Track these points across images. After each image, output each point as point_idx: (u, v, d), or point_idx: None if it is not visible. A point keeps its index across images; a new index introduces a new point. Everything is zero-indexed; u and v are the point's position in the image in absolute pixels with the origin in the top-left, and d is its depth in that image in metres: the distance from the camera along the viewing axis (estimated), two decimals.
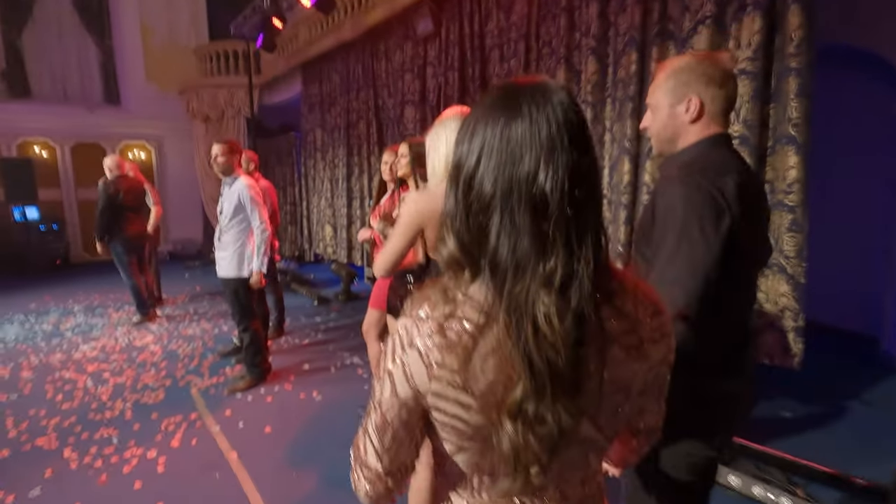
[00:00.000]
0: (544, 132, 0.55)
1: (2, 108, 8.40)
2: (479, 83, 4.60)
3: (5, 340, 4.64)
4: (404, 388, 0.60)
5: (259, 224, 3.24)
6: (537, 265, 0.54)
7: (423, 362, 0.58)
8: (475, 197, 0.57)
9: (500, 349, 0.56)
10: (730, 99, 1.18)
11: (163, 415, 3.09)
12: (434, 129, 1.69)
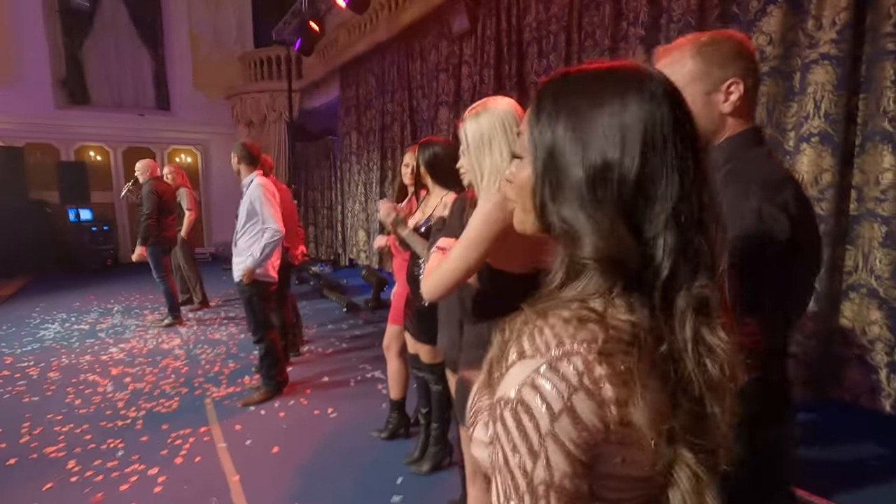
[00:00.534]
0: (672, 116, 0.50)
1: (62, 115, 8.85)
2: (515, 80, 4.30)
3: (43, 340, 4.74)
4: (578, 448, 0.45)
5: (268, 226, 3.08)
6: (691, 284, 0.49)
7: (595, 402, 0.45)
8: (624, 193, 0.49)
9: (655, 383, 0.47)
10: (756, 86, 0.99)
11: (173, 427, 2.97)
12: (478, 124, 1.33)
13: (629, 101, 0.50)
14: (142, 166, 4.98)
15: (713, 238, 0.50)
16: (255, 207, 3.10)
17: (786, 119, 2.48)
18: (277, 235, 3.08)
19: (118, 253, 8.99)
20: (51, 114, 8.71)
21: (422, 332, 2.22)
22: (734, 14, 2.67)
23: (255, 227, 3.13)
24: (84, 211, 8.60)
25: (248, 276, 3.09)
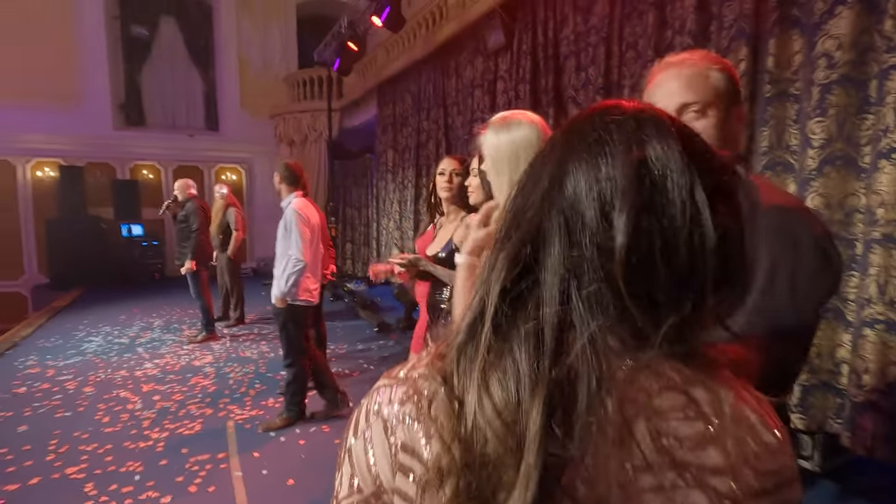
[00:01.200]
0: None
1: (119, 135, 9.36)
2: (552, 95, 4.12)
3: (85, 353, 4.88)
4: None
5: (292, 253, 3.00)
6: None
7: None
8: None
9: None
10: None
11: (192, 451, 2.91)
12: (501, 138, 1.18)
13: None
14: (181, 185, 5.12)
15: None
16: (287, 231, 3.05)
17: (860, 133, 2.17)
18: (299, 265, 3.01)
19: (165, 267, 9.33)
20: (109, 135, 9.24)
21: None
22: (795, 17, 2.39)
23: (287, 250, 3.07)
24: (135, 226, 9.01)
25: (280, 302, 3.06)
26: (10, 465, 2.77)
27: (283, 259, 3.05)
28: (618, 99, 0.45)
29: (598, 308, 0.38)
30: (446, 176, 2.47)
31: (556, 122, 4.10)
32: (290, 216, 3.06)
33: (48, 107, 8.61)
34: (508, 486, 0.36)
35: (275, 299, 3.07)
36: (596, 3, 3.61)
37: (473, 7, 5.03)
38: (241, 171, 10.51)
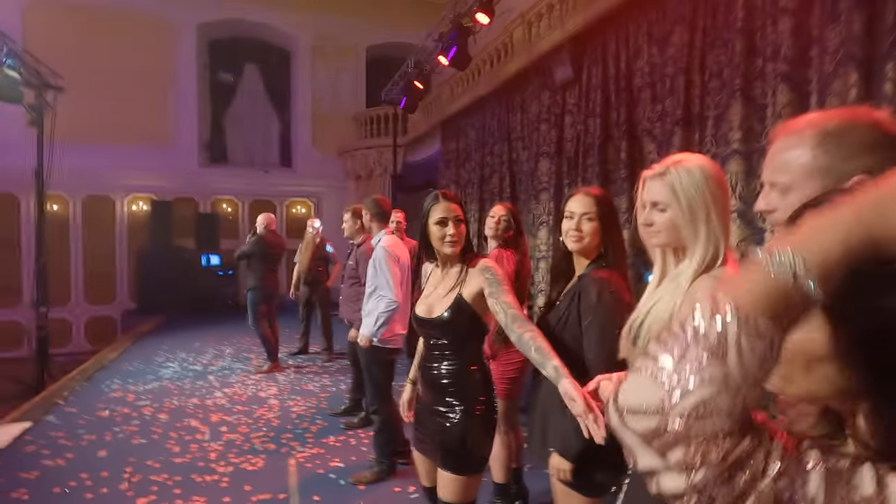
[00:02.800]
0: None
1: (203, 172, 10.13)
2: (624, 128, 3.96)
3: (162, 378, 5.13)
4: None
5: (384, 293, 2.85)
6: None
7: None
8: None
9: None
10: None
11: (255, 489, 2.88)
12: (697, 178, 1.07)
13: None
14: (262, 219, 5.32)
15: None
16: (376, 270, 2.92)
17: None
18: (392, 306, 2.84)
19: (238, 296, 9.80)
20: (195, 171, 10.02)
21: (448, 457, 1.62)
22: None
23: (378, 290, 2.94)
24: (214, 257, 9.59)
25: (365, 342, 2.93)
26: (88, 490, 2.87)
27: (373, 298, 2.92)
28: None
29: None
30: (497, 219, 2.44)
31: (628, 155, 3.92)
32: (379, 255, 2.91)
33: (144, 147, 9.50)
34: None
35: (361, 338, 2.94)
36: (673, 33, 3.45)
37: (540, 43, 5.01)
38: (311, 205, 10.99)
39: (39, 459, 3.28)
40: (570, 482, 1.34)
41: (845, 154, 0.76)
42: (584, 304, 1.46)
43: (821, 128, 0.79)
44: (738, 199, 2.86)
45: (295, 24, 10.44)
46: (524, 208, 5.45)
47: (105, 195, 9.50)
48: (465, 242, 1.68)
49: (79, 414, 4.11)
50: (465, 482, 1.60)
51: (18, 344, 8.91)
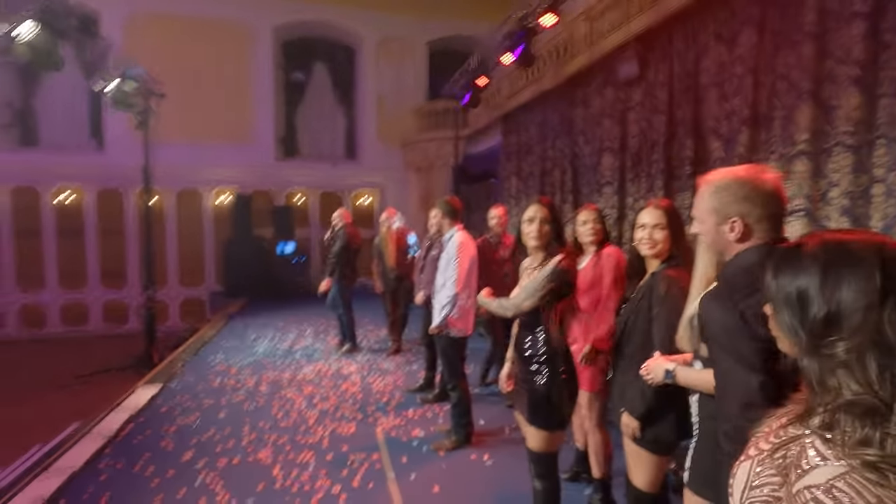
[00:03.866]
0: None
1: (278, 166, 10.92)
2: (690, 126, 4.05)
3: (256, 355, 5.80)
4: None
5: (448, 286, 3.26)
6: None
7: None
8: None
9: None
10: (772, 216, 1.23)
11: (351, 448, 3.37)
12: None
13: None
14: (338, 214, 5.82)
15: None
16: (447, 263, 3.29)
17: None
18: (451, 293, 3.24)
19: (310, 282, 10.58)
20: (271, 165, 10.82)
21: (536, 414, 1.99)
22: None
23: (446, 283, 3.32)
24: (288, 245, 10.39)
25: (435, 330, 3.36)
26: (217, 444, 3.47)
27: (444, 290, 3.32)
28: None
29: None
30: (590, 225, 2.54)
31: (693, 152, 4.03)
32: (452, 249, 3.30)
33: (227, 144, 10.38)
34: None
35: (433, 327, 3.38)
36: (741, 33, 3.52)
37: (606, 39, 5.12)
38: (375, 196, 11.56)
39: (174, 417, 3.95)
40: (638, 440, 1.63)
41: (726, 202, 1.22)
42: (654, 296, 1.75)
43: (716, 182, 1.25)
44: (804, 198, 2.96)
45: (361, 23, 10.93)
46: (586, 202, 5.63)
47: (194, 189, 10.49)
48: (550, 239, 2.01)
49: (195, 382, 4.81)
50: (548, 436, 1.97)
51: (126, 321, 10.14)
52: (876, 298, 0.60)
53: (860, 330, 0.61)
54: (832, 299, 0.62)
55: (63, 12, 4.86)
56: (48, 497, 2.80)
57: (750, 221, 1.20)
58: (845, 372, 0.61)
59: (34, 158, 9.81)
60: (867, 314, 0.60)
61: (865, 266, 0.62)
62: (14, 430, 5.41)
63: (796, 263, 0.67)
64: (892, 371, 0.59)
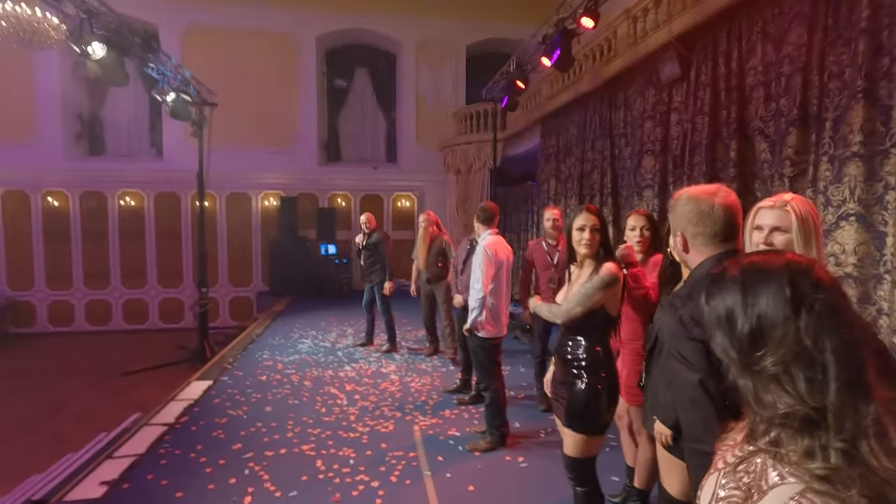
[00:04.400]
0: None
1: (321, 170, 11.28)
2: (734, 127, 3.94)
3: (300, 352, 6.05)
4: None
5: (475, 287, 3.32)
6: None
7: None
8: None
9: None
10: (712, 234, 1.41)
11: (389, 447, 3.48)
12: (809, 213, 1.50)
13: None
14: (365, 219, 5.99)
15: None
16: (477, 267, 3.36)
17: None
18: (479, 298, 3.28)
19: (352, 282, 10.87)
20: (315, 170, 11.19)
21: (575, 419, 1.99)
22: None
23: (474, 284, 3.38)
24: (331, 246, 10.71)
25: (467, 331, 3.46)
26: (265, 436, 3.67)
27: (472, 292, 3.39)
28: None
29: None
30: (638, 230, 2.53)
31: (738, 153, 3.91)
32: (480, 252, 3.38)
33: (274, 150, 10.82)
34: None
35: (464, 328, 3.48)
36: (790, 31, 3.40)
37: (646, 40, 5.04)
38: (414, 198, 11.75)
39: (225, 409, 4.20)
40: (670, 447, 1.64)
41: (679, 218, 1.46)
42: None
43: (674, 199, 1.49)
44: (856, 202, 2.84)
45: (401, 29, 11.14)
46: (626, 204, 5.55)
47: (243, 192, 10.99)
48: (599, 247, 2.06)
49: (244, 377, 5.08)
50: (586, 441, 1.99)
51: (181, 317, 10.74)
52: (789, 310, 0.64)
53: (782, 342, 0.64)
54: (753, 315, 0.67)
55: (128, 32, 5.25)
56: (115, 480, 3.06)
57: (688, 236, 1.42)
58: (776, 386, 0.64)
59: (101, 166, 10.56)
60: (786, 326, 0.64)
61: (775, 281, 0.66)
62: (82, 417, 5.88)
63: (722, 286, 0.71)
64: (818, 380, 0.62)
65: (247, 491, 2.92)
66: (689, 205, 1.43)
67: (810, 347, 0.63)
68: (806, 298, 0.64)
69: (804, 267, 0.68)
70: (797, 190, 3.29)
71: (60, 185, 10.33)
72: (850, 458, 0.59)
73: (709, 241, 1.41)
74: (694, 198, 1.42)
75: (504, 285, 3.47)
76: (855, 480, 0.58)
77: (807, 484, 0.60)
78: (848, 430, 0.60)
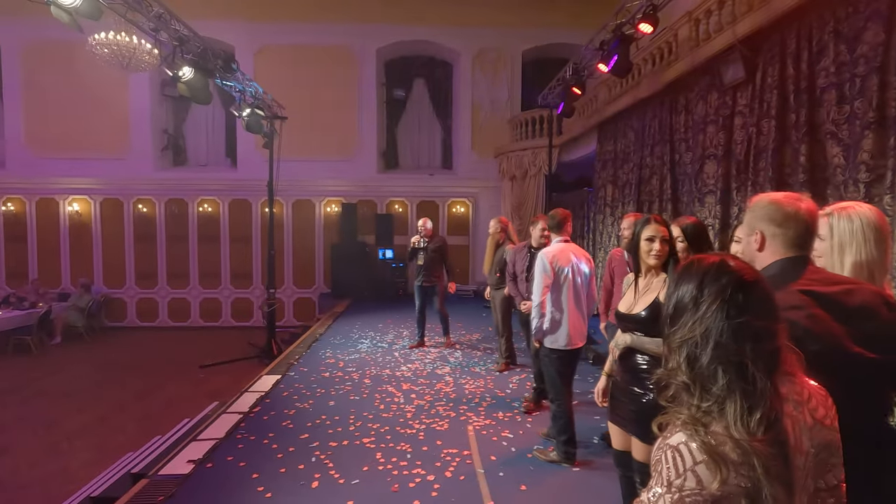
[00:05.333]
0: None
1: (380, 177, 11.70)
2: (804, 130, 3.79)
3: (360, 351, 6.35)
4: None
5: (536, 296, 3.28)
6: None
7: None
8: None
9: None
10: (792, 238, 1.38)
11: (444, 444, 3.63)
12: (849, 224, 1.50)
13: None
14: (423, 223, 6.23)
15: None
16: (537, 276, 3.31)
17: None
18: (536, 310, 3.23)
19: (407, 285, 11.18)
20: (374, 177, 11.63)
21: (647, 429, 2.02)
22: None
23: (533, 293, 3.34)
24: (388, 251, 11.08)
25: (536, 342, 3.36)
26: (329, 428, 3.93)
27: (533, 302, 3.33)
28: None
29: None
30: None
31: (808, 158, 3.76)
32: (537, 260, 3.32)
33: (336, 159, 11.37)
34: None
35: (533, 340, 3.39)
36: (865, 30, 3.25)
37: (709, 43, 4.92)
38: (469, 204, 11.91)
39: (293, 401, 4.52)
40: None
41: (755, 219, 1.43)
42: None
43: (753, 201, 1.48)
44: None
45: (458, 38, 11.38)
46: (687, 211, 5.41)
47: (308, 199, 11.61)
48: (668, 257, 2.10)
49: (309, 373, 5.42)
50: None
51: (250, 316, 11.49)
52: (691, 303, 0.89)
53: (683, 325, 0.90)
54: (672, 301, 0.95)
55: (212, 55, 5.79)
56: (200, 459, 3.41)
57: (767, 236, 1.42)
58: (675, 355, 0.91)
59: (183, 175, 11.54)
60: (689, 315, 0.89)
61: (693, 278, 0.91)
62: (166, 403, 6.48)
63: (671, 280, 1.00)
64: (694, 360, 0.88)
65: (314, 476, 3.16)
66: (772, 206, 1.40)
67: (698, 334, 0.87)
68: (705, 297, 0.88)
69: (719, 270, 0.90)
70: (873, 196, 3.14)
71: (149, 193, 11.38)
72: (708, 417, 0.86)
73: (787, 244, 1.38)
74: (778, 200, 1.41)
75: (571, 296, 3.29)
76: (707, 433, 0.84)
77: (688, 436, 0.86)
78: (709, 400, 0.85)
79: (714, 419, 0.85)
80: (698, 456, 0.83)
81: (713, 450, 0.82)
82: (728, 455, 0.82)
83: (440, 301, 6.30)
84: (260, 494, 2.97)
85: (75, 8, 3.89)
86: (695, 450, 0.84)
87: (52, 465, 4.76)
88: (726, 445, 0.82)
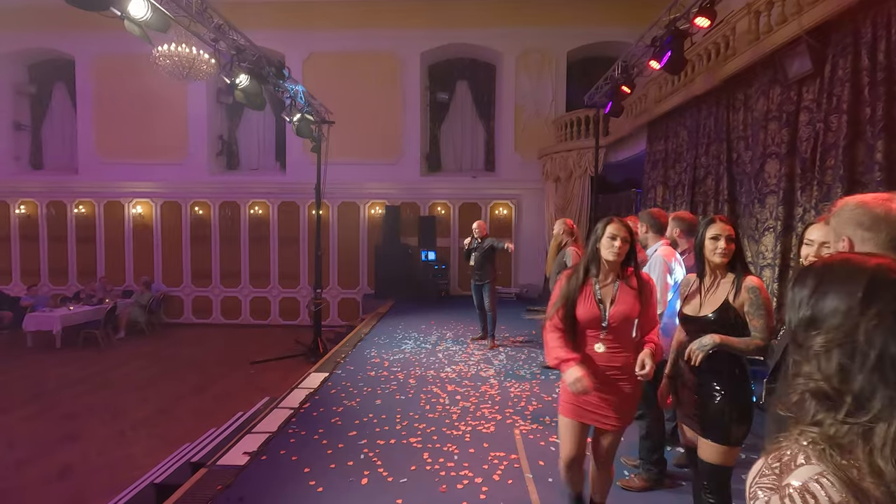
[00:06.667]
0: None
1: (423, 180, 11.80)
2: (881, 126, 3.54)
3: (404, 351, 6.41)
4: None
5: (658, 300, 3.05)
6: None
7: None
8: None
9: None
10: (885, 241, 1.30)
11: (491, 447, 3.60)
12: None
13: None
14: (478, 226, 6.24)
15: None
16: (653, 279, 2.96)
17: None
18: (659, 312, 2.83)
19: (450, 287, 11.22)
20: (417, 180, 11.74)
21: (715, 430, 1.99)
22: None
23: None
24: (430, 253, 11.15)
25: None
26: (377, 426, 3.98)
27: None
28: None
29: None
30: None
31: (885, 155, 3.50)
32: (655, 262, 3.00)
33: (380, 161, 11.56)
34: None
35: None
36: None
37: (771, 36, 4.68)
38: (511, 206, 11.82)
39: (341, 399, 4.61)
40: None
41: (841, 224, 1.37)
42: None
43: (838, 205, 1.42)
44: None
45: (501, 40, 11.34)
46: (745, 212, 5.16)
47: (353, 202, 11.86)
48: (734, 257, 2.04)
49: (356, 371, 5.52)
50: (725, 451, 1.98)
51: (297, 315, 11.84)
52: (856, 306, 0.74)
53: (838, 329, 0.75)
54: (815, 305, 0.79)
55: (265, 63, 6.02)
56: (254, 451, 3.53)
57: (856, 241, 1.35)
58: (815, 361, 0.76)
59: (236, 179, 12.06)
60: (846, 318, 0.74)
61: (855, 279, 0.76)
62: (220, 396, 6.76)
63: (804, 277, 0.84)
64: (849, 368, 0.73)
65: (363, 473, 3.21)
66: (859, 209, 1.35)
67: (861, 341, 0.72)
68: (878, 301, 0.73)
69: (889, 274, 0.76)
70: None
71: (204, 196, 11.95)
72: (851, 439, 0.70)
73: (880, 248, 1.30)
74: (865, 202, 1.35)
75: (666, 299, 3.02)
76: (845, 459, 0.69)
77: (823, 472, 0.69)
78: (860, 419, 0.70)
79: (856, 442, 0.70)
80: (836, 496, 0.67)
81: (855, 486, 0.67)
82: (871, 492, 0.67)
83: (491, 300, 6.36)
84: (312, 488, 3.04)
85: (146, 21, 4.14)
86: (830, 488, 0.68)
87: (118, 452, 5.06)
88: (865, 481, 0.68)
